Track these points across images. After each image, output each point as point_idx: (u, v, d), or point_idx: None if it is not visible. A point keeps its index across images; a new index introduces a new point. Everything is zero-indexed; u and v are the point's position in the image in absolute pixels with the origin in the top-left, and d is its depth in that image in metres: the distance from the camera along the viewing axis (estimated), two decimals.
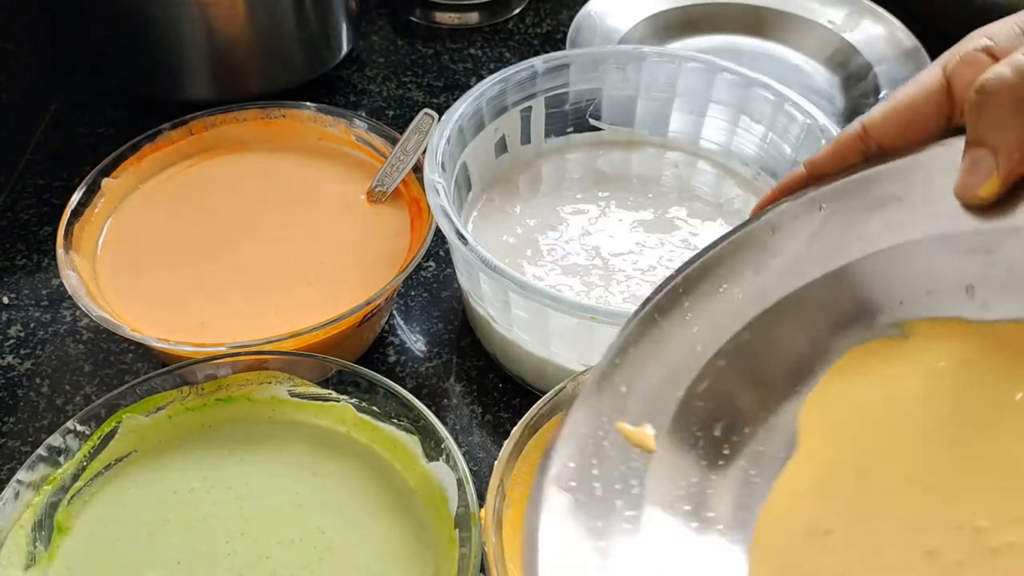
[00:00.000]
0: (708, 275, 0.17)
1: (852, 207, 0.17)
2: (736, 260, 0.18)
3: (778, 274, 0.17)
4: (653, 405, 0.16)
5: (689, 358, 0.17)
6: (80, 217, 0.30)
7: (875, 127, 0.18)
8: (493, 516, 0.21)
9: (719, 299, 0.17)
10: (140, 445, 0.25)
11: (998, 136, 0.16)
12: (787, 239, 0.17)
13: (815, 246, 0.17)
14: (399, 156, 0.32)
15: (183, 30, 0.35)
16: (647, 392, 0.16)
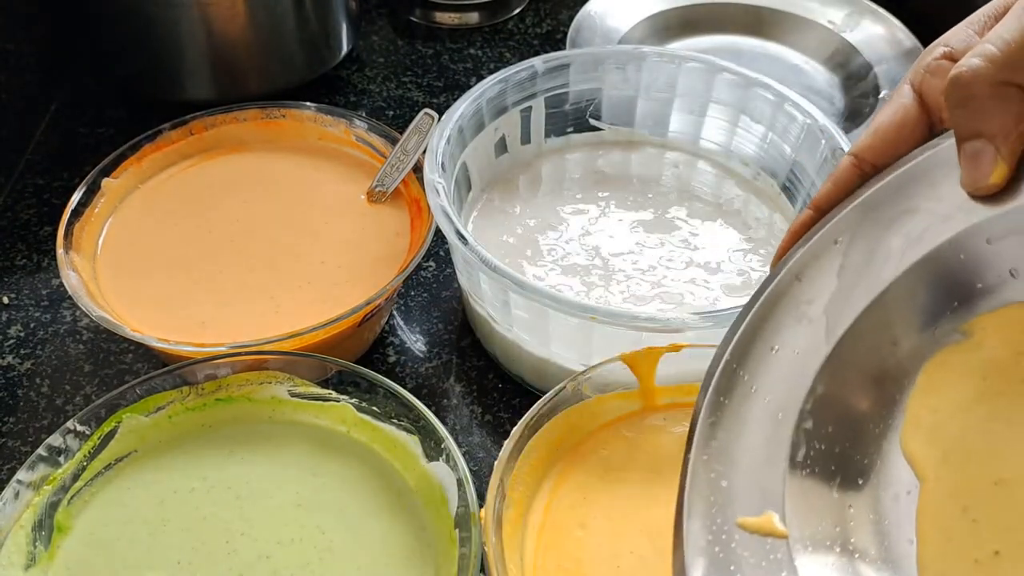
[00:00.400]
0: (755, 341, 0.17)
1: (867, 233, 0.17)
2: (775, 318, 0.17)
3: (822, 318, 0.17)
4: (760, 489, 0.16)
5: (775, 429, 0.16)
6: (80, 217, 0.30)
7: (865, 152, 0.19)
8: (493, 516, 0.21)
9: (777, 361, 0.17)
10: (140, 445, 0.25)
11: (990, 123, 0.16)
12: (816, 282, 0.17)
13: (846, 280, 0.17)
14: (399, 156, 0.32)
15: (183, 30, 0.36)
16: (749, 478, 0.16)
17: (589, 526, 0.22)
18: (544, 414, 0.23)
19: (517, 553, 0.22)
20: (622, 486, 0.23)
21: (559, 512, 0.23)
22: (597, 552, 0.22)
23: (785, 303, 0.17)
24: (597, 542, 0.22)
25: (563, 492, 0.23)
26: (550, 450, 0.23)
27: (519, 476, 0.22)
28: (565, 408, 0.24)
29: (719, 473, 0.16)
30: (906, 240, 0.17)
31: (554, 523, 0.22)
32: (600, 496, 0.23)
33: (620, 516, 0.22)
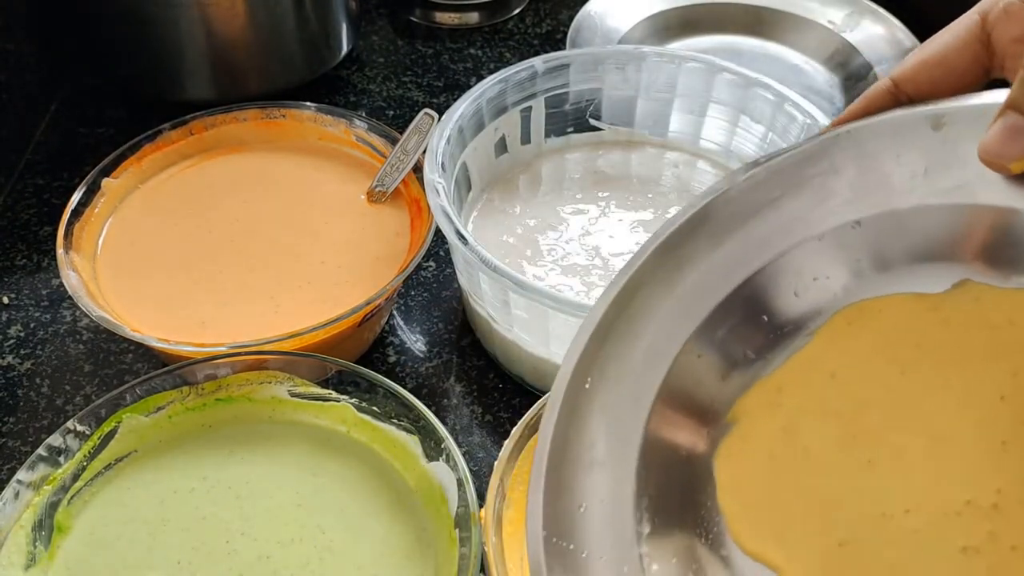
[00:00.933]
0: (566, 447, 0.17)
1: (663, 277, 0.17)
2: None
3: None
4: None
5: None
6: (80, 217, 0.30)
7: (906, 81, 0.17)
8: (493, 516, 0.21)
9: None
10: (140, 445, 0.25)
11: None
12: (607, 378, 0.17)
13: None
14: (399, 156, 0.32)
15: (183, 30, 0.35)
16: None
17: None
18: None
19: (517, 553, 0.22)
20: None
21: None
22: None
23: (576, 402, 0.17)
24: None
25: None
26: None
27: (519, 476, 0.22)
28: None
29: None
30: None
31: None
32: None
33: None
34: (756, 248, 0.17)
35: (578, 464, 0.17)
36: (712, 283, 0.17)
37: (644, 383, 0.17)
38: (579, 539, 0.16)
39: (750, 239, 0.17)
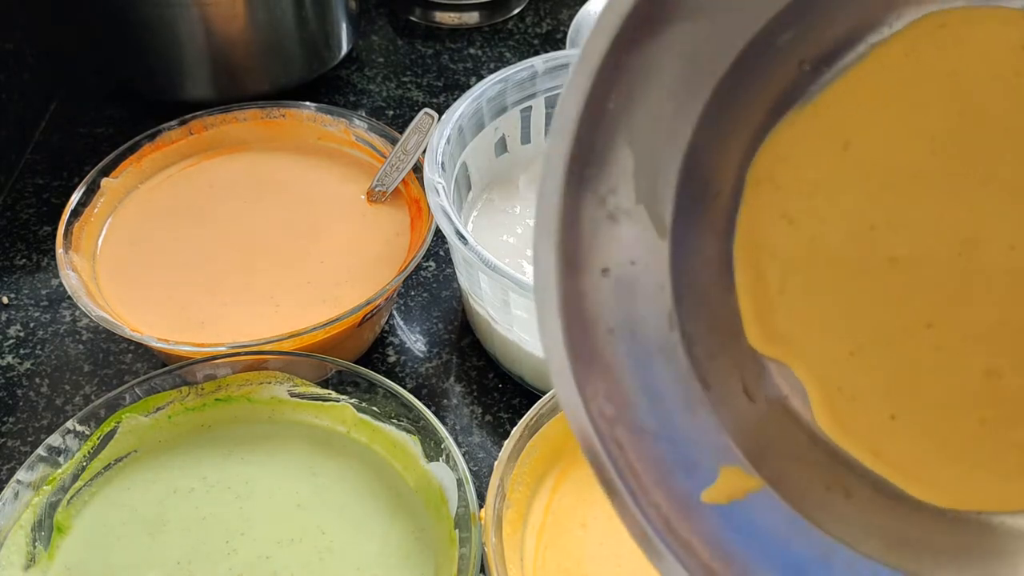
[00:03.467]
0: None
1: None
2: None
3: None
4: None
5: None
6: (80, 217, 0.30)
7: None
8: (493, 516, 0.21)
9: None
10: (140, 445, 0.25)
11: None
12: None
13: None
14: (399, 156, 0.32)
15: (183, 30, 0.35)
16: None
17: (590, 526, 0.22)
18: (544, 414, 0.23)
19: (517, 553, 0.22)
20: None
21: (559, 512, 0.23)
22: (598, 552, 0.22)
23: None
24: (598, 542, 0.22)
25: (563, 492, 0.23)
26: (550, 450, 0.23)
27: (519, 476, 0.22)
28: None
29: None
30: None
31: (554, 523, 0.22)
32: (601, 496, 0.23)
33: None
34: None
35: (598, 215, 0.13)
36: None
37: (683, 108, 0.13)
38: (603, 312, 0.13)
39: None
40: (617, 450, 0.13)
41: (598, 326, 0.13)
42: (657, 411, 0.14)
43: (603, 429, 0.13)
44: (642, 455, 0.14)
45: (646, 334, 0.14)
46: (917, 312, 0.14)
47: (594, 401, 0.13)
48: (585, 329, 0.13)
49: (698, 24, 0.13)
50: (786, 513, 0.14)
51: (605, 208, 0.13)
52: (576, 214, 0.13)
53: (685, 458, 0.14)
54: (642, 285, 0.14)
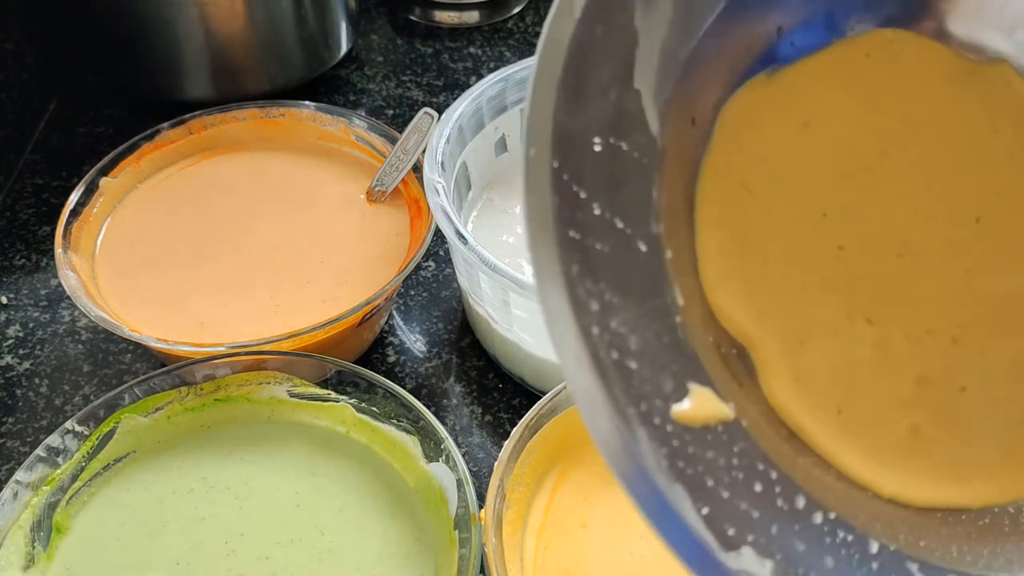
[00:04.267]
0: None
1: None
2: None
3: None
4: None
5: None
6: (79, 217, 0.30)
7: None
8: (493, 517, 0.21)
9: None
10: (139, 445, 0.25)
11: None
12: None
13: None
14: (398, 155, 0.32)
15: (182, 29, 0.35)
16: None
17: (590, 526, 0.22)
18: (544, 414, 0.23)
19: (517, 554, 0.22)
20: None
21: (559, 513, 0.23)
22: (598, 552, 0.22)
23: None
24: (598, 542, 0.22)
25: (563, 492, 0.23)
26: (550, 450, 0.23)
27: (519, 477, 0.22)
28: (565, 408, 0.23)
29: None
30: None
31: (554, 524, 0.22)
32: (600, 496, 0.23)
33: (621, 517, 0.22)
34: None
35: (599, 79, 0.13)
36: None
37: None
38: (589, 185, 0.13)
39: None
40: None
41: (588, 204, 0.13)
42: (632, 316, 0.13)
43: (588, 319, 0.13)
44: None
45: (630, 217, 0.14)
46: (860, 305, 0.15)
47: (580, 284, 0.13)
48: (573, 205, 0.13)
49: None
50: (756, 452, 0.14)
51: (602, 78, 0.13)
52: (577, 81, 0.13)
53: (658, 368, 0.13)
54: (630, 170, 0.14)
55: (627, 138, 0.14)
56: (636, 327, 0.13)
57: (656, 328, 0.13)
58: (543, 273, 0.13)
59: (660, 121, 0.14)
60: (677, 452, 0.13)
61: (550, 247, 0.13)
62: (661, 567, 0.21)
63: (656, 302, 0.13)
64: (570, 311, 0.12)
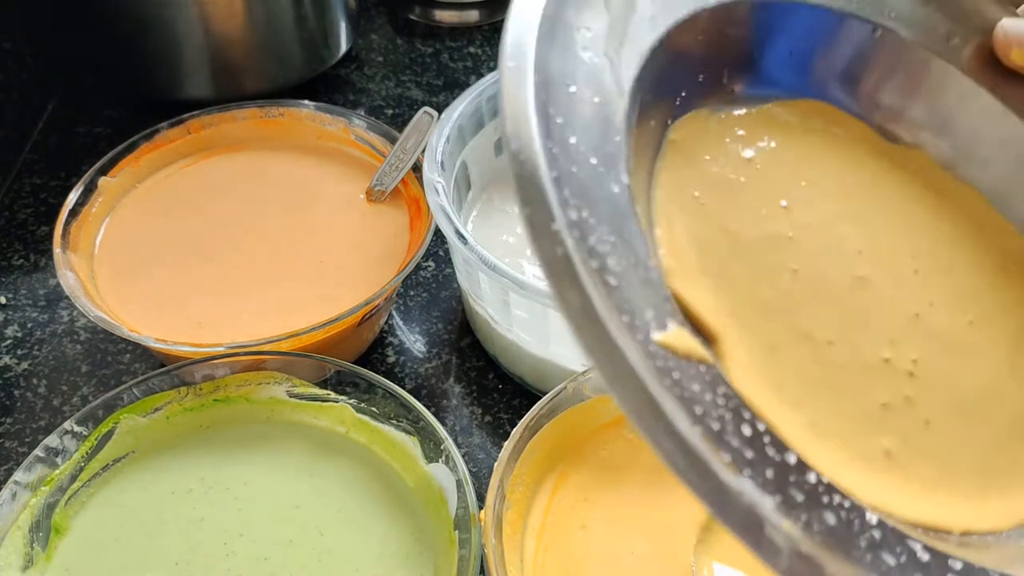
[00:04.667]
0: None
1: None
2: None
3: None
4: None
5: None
6: (77, 217, 0.30)
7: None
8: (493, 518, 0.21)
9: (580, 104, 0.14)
10: (138, 446, 0.25)
11: None
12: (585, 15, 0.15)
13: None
14: (398, 155, 0.32)
15: (181, 28, 0.35)
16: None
17: (590, 527, 0.22)
18: (544, 415, 0.23)
19: (517, 555, 0.21)
20: (623, 487, 0.23)
21: (559, 513, 0.23)
22: (598, 553, 0.22)
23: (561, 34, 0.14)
24: (598, 543, 0.22)
25: (563, 493, 0.23)
26: (550, 451, 0.23)
27: (519, 477, 0.22)
28: (565, 409, 0.23)
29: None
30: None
31: (554, 524, 0.22)
32: (601, 497, 0.23)
33: (621, 517, 0.22)
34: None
35: (571, 41, 0.14)
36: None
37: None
38: (565, 115, 0.13)
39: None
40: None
41: (564, 131, 0.13)
42: (609, 241, 0.13)
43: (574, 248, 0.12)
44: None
45: (603, 158, 0.14)
46: (820, 325, 0.15)
47: (566, 208, 0.13)
48: (551, 125, 0.13)
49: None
50: (740, 402, 0.13)
51: (578, 41, 0.14)
52: (552, 34, 0.13)
53: (638, 296, 0.13)
54: (602, 123, 0.14)
55: (600, 94, 0.14)
56: (613, 251, 0.13)
57: (633, 262, 0.13)
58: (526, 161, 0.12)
59: (630, 97, 0.14)
60: (664, 371, 0.12)
61: (533, 130, 0.12)
62: (662, 568, 0.21)
63: (632, 240, 0.13)
64: (551, 200, 0.12)
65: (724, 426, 0.12)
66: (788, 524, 0.11)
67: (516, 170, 0.12)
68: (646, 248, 0.14)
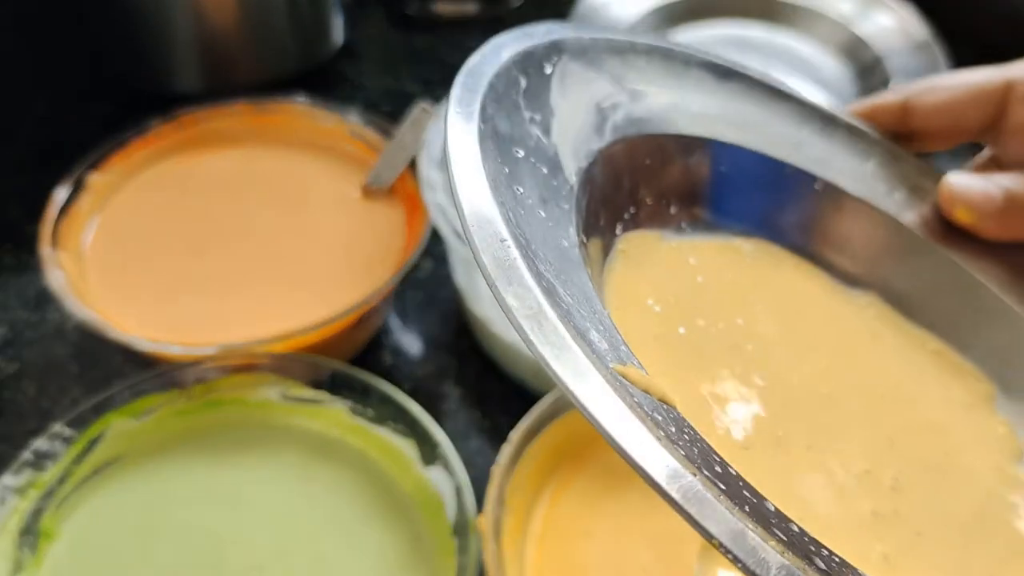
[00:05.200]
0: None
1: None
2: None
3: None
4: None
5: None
6: (67, 214, 0.29)
7: (919, 115, 0.18)
8: (492, 524, 0.20)
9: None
10: (128, 450, 0.24)
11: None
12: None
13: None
14: (394, 151, 0.31)
15: (173, 21, 0.35)
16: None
17: (592, 534, 0.22)
18: (545, 418, 0.22)
19: (517, 562, 0.21)
20: (626, 493, 0.22)
21: (561, 519, 0.22)
22: (601, 561, 0.21)
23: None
24: (600, 550, 0.21)
25: (565, 499, 0.23)
26: (551, 455, 0.23)
27: (519, 482, 0.22)
28: (566, 413, 0.23)
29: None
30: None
31: (556, 531, 0.22)
32: (603, 503, 0.22)
33: (624, 524, 0.22)
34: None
35: (520, 114, 0.14)
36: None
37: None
38: (515, 171, 0.13)
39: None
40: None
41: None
42: (556, 259, 0.13)
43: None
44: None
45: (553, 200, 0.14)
46: (796, 431, 0.15)
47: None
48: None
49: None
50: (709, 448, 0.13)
51: (526, 119, 0.14)
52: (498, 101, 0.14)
53: (589, 320, 0.12)
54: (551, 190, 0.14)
55: (548, 167, 0.14)
56: (567, 289, 0.12)
57: (581, 296, 0.13)
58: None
59: (577, 180, 0.14)
60: (624, 389, 0.11)
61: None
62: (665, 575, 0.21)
63: (586, 290, 0.13)
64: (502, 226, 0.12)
65: (689, 452, 0.12)
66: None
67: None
68: (600, 305, 0.13)
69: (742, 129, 0.18)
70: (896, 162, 0.19)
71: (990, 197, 0.17)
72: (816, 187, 0.18)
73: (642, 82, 0.17)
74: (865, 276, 0.18)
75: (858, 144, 0.19)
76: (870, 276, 0.18)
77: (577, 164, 0.15)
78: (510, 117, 0.14)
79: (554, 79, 0.15)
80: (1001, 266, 0.17)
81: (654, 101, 0.17)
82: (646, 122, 0.17)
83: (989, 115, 0.18)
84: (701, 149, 0.17)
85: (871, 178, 0.18)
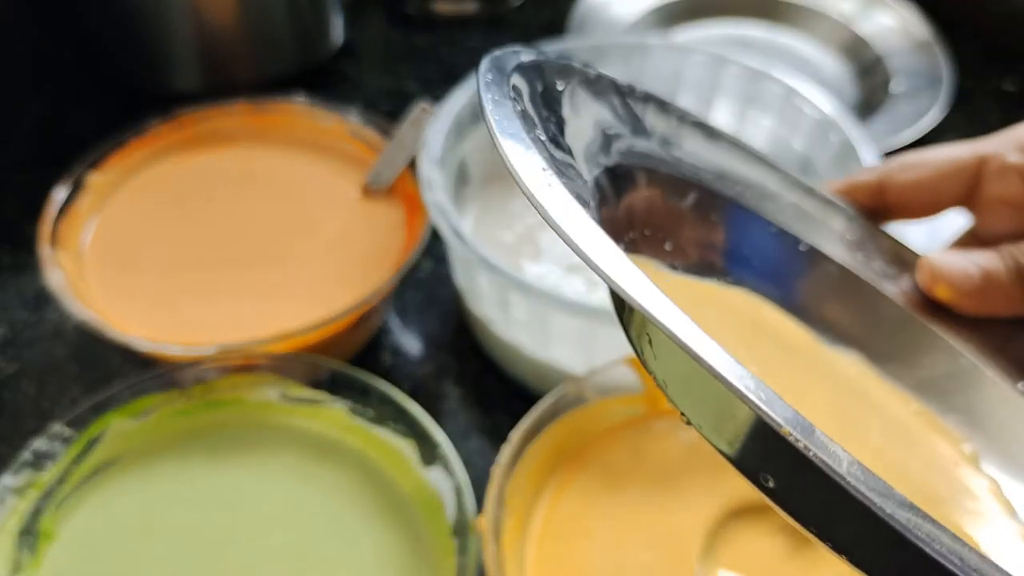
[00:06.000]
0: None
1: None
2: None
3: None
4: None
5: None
6: (66, 214, 0.29)
7: (894, 193, 0.18)
8: (491, 524, 0.20)
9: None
10: (127, 450, 0.24)
11: (1006, 289, 0.17)
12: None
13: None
14: (394, 151, 0.31)
15: (172, 21, 0.35)
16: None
17: (592, 534, 0.22)
18: (545, 419, 0.22)
19: (517, 563, 0.21)
20: (626, 493, 0.22)
21: (561, 520, 0.22)
22: (601, 561, 0.21)
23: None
24: (601, 551, 0.21)
25: (565, 499, 0.22)
26: (551, 456, 0.23)
27: (519, 483, 0.22)
28: (567, 412, 0.23)
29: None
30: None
31: (556, 531, 0.22)
32: (604, 504, 0.22)
33: (625, 525, 0.22)
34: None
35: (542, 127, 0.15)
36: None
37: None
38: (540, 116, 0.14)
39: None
40: None
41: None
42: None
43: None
44: None
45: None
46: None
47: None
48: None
49: None
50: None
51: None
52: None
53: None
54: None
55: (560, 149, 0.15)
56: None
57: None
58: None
59: (590, 180, 0.15)
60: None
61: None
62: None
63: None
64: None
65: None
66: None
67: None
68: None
69: (735, 185, 0.19)
70: (873, 237, 0.19)
71: (968, 275, 0.17)
72: (801, 248, 0.19)
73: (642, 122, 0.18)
74: (845, 338, 0.18)
75: (837, 215, 0.20)
76: (850, 339, 0.18)
77: (589, 171, 0.15)
78: (534, 103, 0.15)
79: (565, 95, 0.16)
80: (980, 337, 0.18)
81: (653, 141, 0.18)
82: (647, 157, 0.17)
83: (964, 190, 0.18)
84: (697, 195, 0.18)
85: (851, 247, 0.19)
